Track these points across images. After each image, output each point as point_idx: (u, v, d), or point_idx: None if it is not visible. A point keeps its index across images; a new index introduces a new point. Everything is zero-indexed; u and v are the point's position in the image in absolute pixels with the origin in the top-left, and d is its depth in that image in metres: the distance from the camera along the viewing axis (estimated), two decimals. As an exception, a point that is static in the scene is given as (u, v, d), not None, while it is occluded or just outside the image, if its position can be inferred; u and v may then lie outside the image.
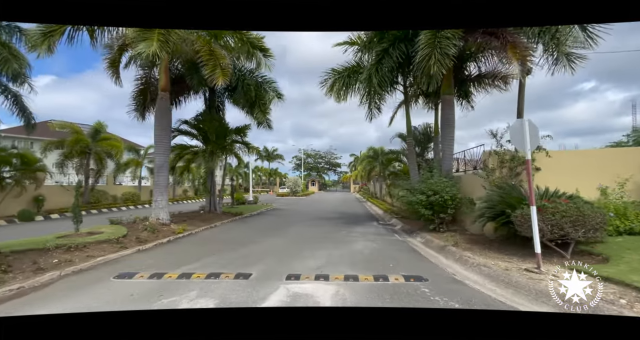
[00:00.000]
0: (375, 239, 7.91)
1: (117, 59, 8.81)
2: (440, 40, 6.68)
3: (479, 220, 6.05)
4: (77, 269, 4.85)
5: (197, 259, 5.57)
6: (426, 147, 13.61)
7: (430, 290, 3.80)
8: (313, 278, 4.34)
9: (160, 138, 9.14)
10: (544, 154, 5.95)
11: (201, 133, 11.92)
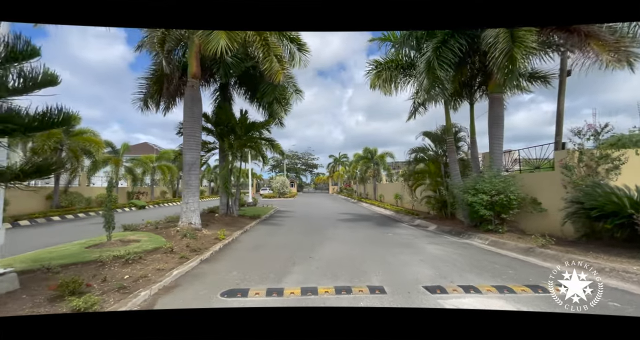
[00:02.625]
0: (435, 242, 7.51)
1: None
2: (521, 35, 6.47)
3: (574, 220, 5.87)
4: (162, 285, 3.90)
5: (283, 268, 4.85)
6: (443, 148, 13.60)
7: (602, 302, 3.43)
8: (460, 290, 3.78)
9: (191, 131, 7.97)
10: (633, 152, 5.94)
11: (223, 128, 10.73)
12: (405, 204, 17.24)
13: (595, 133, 6.77)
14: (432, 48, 8.40)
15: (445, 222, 10.80)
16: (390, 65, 9.92)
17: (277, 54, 7.82)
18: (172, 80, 9.71)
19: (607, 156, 5.96)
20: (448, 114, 10.37)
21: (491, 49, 7.05)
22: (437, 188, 12.36)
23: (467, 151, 11.88)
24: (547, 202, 7.10)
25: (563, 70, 10.47)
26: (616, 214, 5.01)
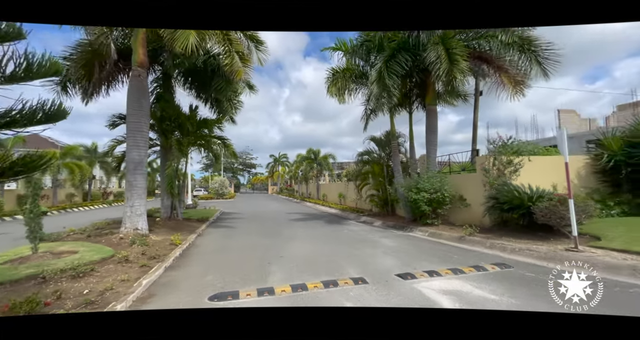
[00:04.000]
0: (386, 236, 8.43)
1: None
2: (456, 59, 7.83)
3: (491, 213, 7.38)
4: (136, 297, 3.54)
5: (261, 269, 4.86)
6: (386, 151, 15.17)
7: (534, 276, 4.56)
8: (426, 275, 4.47)
9: (137, 126, 7.08)
10: (527, 158, 7.79)
11: (169, 124, 9.73)
12: (349, 203, 18.42)
13: (503, 143, 8.65)
14: (383, 60, 9.34)
15: (388, 218, 12.05)
16: (344, 74, 10.59)
17: (238, 51, 7.59)
18: (105, 65, 8.38)
19: (510, 162, 7.69)
20: (392, 121, 11.62)
21: (432, 67, 8.31)
22: (380, 187, 13.65)
23: (405, 154, 13.52)
24: (471, 198, 8.70)
25: (477, 90, 12.91)
26: (520, 206, 6.56)
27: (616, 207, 6.95)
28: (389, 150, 13.28)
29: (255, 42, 9.73)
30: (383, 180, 13.21)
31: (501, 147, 8.34)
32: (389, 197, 12.75)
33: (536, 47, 8.11)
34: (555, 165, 7.11)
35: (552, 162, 7.91)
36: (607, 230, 5.76)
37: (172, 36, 6.19)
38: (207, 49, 8.57)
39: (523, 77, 8.25)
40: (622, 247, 4.87)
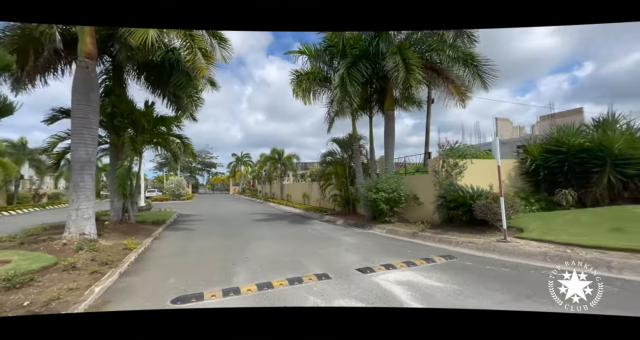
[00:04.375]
0: (348, 234, 8.86)
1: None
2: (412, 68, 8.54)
3: (440, 210, 8.19)
4: (88, 304, 3.37)
5: (224, 270, 4.86)
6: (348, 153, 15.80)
7: (473, 264, 5.24)
8: (383, 268, 4.89)
9: (85, 122, 6.50)
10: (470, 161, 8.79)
11: (121, 120, 9.02)
12: (313, 203, 18.75)
13: (450, 147, 9.63)
14: (345, 67, 9.78)
15: (350, 217, 12.59)
16: (309, 76, 10.84)
17: (201, 47, 7.37)
18: (42, 52, 7.52)
19: (456, 164, 8.62)
20: (354, 124, 12.15)
21: (390, 74, 8.95)
22: (342, 187, 14.16)
23: (366, 156, 14.22)
24: (423, 197, 9.52)
25: (429, 98, 14.09)
26: (463, 204, 7.41)
27: (536, 203, 8.21)
28: (351, 152, 13.85)
29: (219, 40, 9.50)
30: (345, 180, 13.74)
31: (449, 150, 9.28)
32: (351, 196, 13.31)
33: (477, 62, 9.19)
34: (492, 168, 8.13)
35: (489, 164, 9.01)
36: (528, 223, 6.79)
37: (129, 28, 5.83)
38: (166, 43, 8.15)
39: (467, 88, 9.29)
40: (538, 237, 5.83)
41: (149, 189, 42.66)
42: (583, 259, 4.65)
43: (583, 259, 4.67)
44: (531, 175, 8.97)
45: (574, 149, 7.94)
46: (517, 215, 7.07)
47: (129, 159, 9.24)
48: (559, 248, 5.21)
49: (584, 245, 5.05)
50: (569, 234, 5.66)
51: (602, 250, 4.78)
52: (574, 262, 4.68)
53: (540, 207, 8.12)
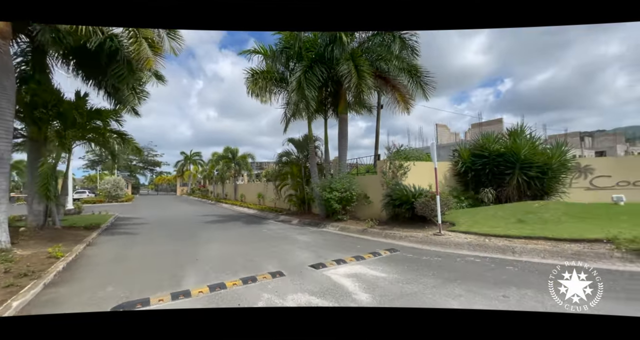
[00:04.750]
0: (302, 233, 9.11)
1: None
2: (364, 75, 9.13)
3: (386, 208, 8.89)
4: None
5: (173, 274, 4.68)
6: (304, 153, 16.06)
7: (412, 256, 5.85)
8: (335, 263, 5.21)
9: (-3, 112, 5.54)
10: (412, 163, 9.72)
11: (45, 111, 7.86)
12: (268, 203, 18.58)
13: (397, 150, 10.51)
14: (302, 71, 10.01)
15: (305, 216, 12.85)
16: (265, 76, 10.80)
17: (147, 37, 6.89)
18: None
19: (401, 165, 9.47)
20: (310, 126, 12.45)
21: (344, 79, 9.43)
22: (298, 187, 14.36)
23: (321, 157, 14.64)
24: (373, 196, 10.22)
25: (379, 103, 15.10)
26: (407, 202, 8.19)
27: (465, 200, 9.47)
28: (306, 153, 14.11)
29: (168, 29, 8.91)
30: (301, 180, 13.96)
31: (395, 153, 10.12)
32: (306, 196, 13.58)
33: (420, 73, 10.20)
34: (431, 169, 9.11)
35: (429, 166, 10.06)
36: (459, 218, 7.82)
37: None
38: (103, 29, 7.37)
39: (411, 96, 10.24)
40: (465, 229, 6.77)
41: (77, 190, 37.43)
42: (496, 246, 5.58)
43: (496, 246, 5.60)
44: (462, 176, 10.27)
45: (493, 154, 9.36)
46: (450, 211, 8.07)
47: (54, 155, 8.11)
48: (480, 238, 6.14)
49: (497, 235, 6.03)
50: (488, 226, 6.69)
51: (510, 239, 5.79)
52: (490, 250, 5.60)
53: (468, 203, 9.37)
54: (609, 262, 4.48)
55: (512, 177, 8.87)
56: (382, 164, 9.95)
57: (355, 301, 3.53)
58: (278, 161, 14.59)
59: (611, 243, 4.76)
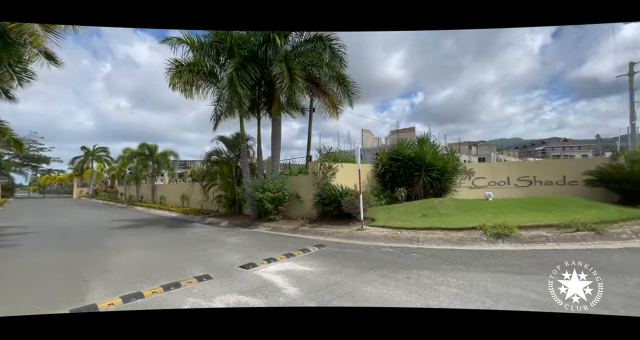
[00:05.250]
0: (233, 234, 8.89)
1: None
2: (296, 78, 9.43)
3: (317, 207, 9.39)
4: None
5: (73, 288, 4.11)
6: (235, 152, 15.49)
7: (338, 250, 6.38)
8: (265, 262, 5.33)
9: None
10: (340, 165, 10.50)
11: None
12: (194, 205, 17.22)
13: (327, 152, 11.20)
14: (234, 68, 9.74)
15: (236, 218, 12.47)
16: (192, 69, 10.07)
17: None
18: None
19: (331, 167, 10.15)
20: (242, 124, 12.12)
21: (277, 80, 9.57)
22: (228, 188, 13.79)
23: (253, 156, 14.40)
24: (305, 196, 10.62)
25: (311, 107, 15.72)
26: (335, 201, 8.84)
27: (384, 198, 10.75)
28: (238, 152, 13.68)
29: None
30: (232, 180, 13.46)
31: (325, 155, 10.78)
32: (237, 197, 13.16)
33: (348, 83, 11.09)
34: (356, 170, 10.10)
35: (355, 168, 11.08)
36: (378, 214, 8.86)
37: None
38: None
39: (340, 103, 11.06)
40: (383, 224, 7.74)
41: None
42: (405, 237, 6.59)
43: (405, 237, 6.60)
44: (381, 177, 11.59)
45: (406, 158, 10.88)
46: (371, 209, 9.06)
47: None
48: (394, 231, 7.12)
49: (407, 228, 7.11)
50: (400, 220, 7.79)
51: (416, 230, 6.89)
52: (401, 240, 6.56)
53: (386, 201, 10.65)
54: (479, 244, 5.83)
55: (419, 178, 10.48)
56: (314, 165, 10.45)
57: (284, 295, 3.74)
58: (206, 160, 13.75)
59: (482, 230, 6.19)
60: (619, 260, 4.48)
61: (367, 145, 26.32)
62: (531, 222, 6.28)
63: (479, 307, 3.12)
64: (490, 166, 12.50)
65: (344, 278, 4.33)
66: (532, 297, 3.31)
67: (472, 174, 11.50)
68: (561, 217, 6.29)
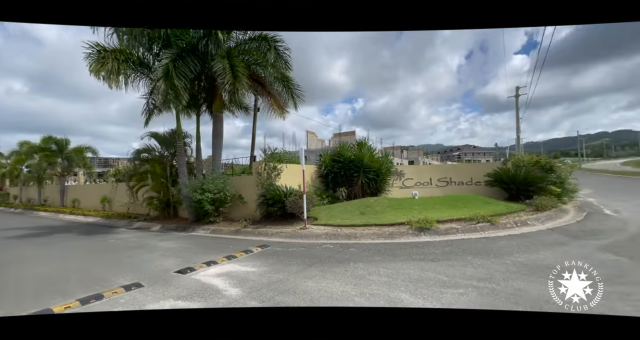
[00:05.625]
0: (167, 239, 8.26)
1: None
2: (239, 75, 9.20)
3: (261, 207, 9.31)
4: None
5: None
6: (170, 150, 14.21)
7: (281, 249, 6.48)
8: (205, 266, 5.14)
9: None
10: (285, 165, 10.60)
11: None
12: (118, 208, 15.22)
13: (272, 153, 11.18)
14: (171, 58, 9.03)
15: (170, 221, 11.52)
16: (118, 56, 8.97)
17: None
18: None
19: (275, 167, 10.19)
20: (179, 121, 11.22)
21: (219, 77, 9.20)
22: (161, 189, 12.62)
23: (191, 155, 13.46)
24: (248, 197, 10.42)
25: (255, 106, 15.45)
26: (279, 201, 8.93)
27: (326, 198, 11.25)
28: (174, 150, 12.64)
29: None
30: (166, 181, 12.36)
31: (270, 156, 10.76)
32: (172, 199, 12.15)
33: (293, 85, 11.27)
34: (301, 171, 10.35)
35: (299, 169, 11.33)
36: (320, 213, 9.26)
37: None
38: None
39: (285, 104, 11.17)
40: (324, 222, 8.14)
41: None
42: (345, 234, 7.07)
43: (345, 234, 7.09)
44: (324, 178, 12.09)
45: (347, 160, 11.59)
46: (314, 208, 9.40)
47: None
48: (334, 229, 7.57)
49: (346, 225, 7.63)
50: (340, 218, 8.30)
51: (354, 227, 7.45)
52: (341, 237, 7.01)
53: (328, 200, 11.16)
54: (406, 237, 6.64)
55: (358, 179, 11.28)
56: (258, 165, 10.34)
57: (225, 297, 3.72)
58: (135, 158, 12.34)
59: (408, 225, 7.05)
60: (503, 245, 5.65)
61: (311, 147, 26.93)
62: (446, 217, 7.41)
63: (479, 307, 3.09)
64: (417, 168, 14.14)
65: (287, 275, 4.49)
66: (443, 279, 3.98)
67: (402, 175, 12.83)
68: (468, 212, 7.57)
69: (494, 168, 11.40)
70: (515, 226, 6.99)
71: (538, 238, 6.05)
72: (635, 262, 4.38)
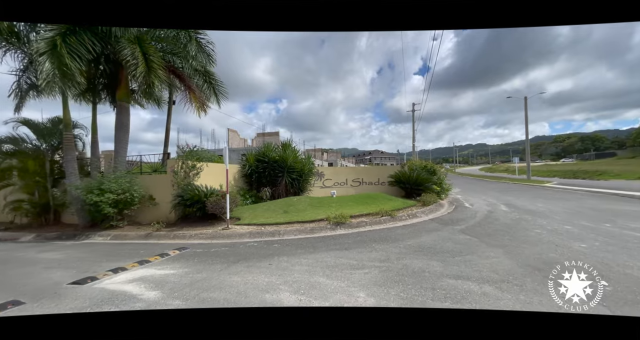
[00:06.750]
0: (48, 250, 6.86)
1: None
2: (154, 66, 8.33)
3: (177, 208, 8.61)
4: None
5: None
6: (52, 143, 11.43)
7: (202, 250, 6.23)
8: (111, 273, 4.59)
9: None
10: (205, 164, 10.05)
11: None
12: None
13: (190, 150, 10.42)
14: (60, 32, 7.51)
15: (49, 229, 9.48)
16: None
17: None
18: None
19: (194, 166, 9.59)
20: (67, 107, 9.27)
21: (127, 64, 8.13)
22: (36, 189, 10.15)
23: (82, 150, 11.27)
24: (160, 197, 9.46)
25: (170, 99, 14.04)
26: (198, 201, 8.47)
27: (250, 198, 11.21)
28: (57, 142, 10.39)
29: None
30: (43, 180, 10.02)
31: (188, 153, 10.04)
32: (54, 201, 9.93)
33: (215, 81, 10.83)
34: (223, 171, 10.01)
35: (221, 168, 10.92)
36: (243, 213, 9.22)
37: None
38: None
39: (205, 100, 10.63)
40: (248, 222, 8.19)
41: None
42: (269, 232, 7.32)
43: (269, 231, 7.34)
44: (248, 177, 12.00)
45: (271, 160, 11.83)
46: (237, 208, 9.28)
47: None
48: (258, 228, 7.72)
49: (270, 224, 7.88)
50: (264, 217, 8.48)
51: (278, 225, 7.78)
52: (265, 235, 7.22)
53: (252, 200, 11.14)
54: (325, 231, 7.37)
55: (282, 179, 11.66)
56: (174, 163, 9.52)
57: (141, 300, 3.52)
58: (-6, 150, 9.53)
59: (327, 220, 7.82)
60: (399, 233, 6.97)
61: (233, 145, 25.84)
62: (358, 212, 8.52)
63: (477, 307, 3.12)
64: (335, 170, 15.46)
65: (210, 274, 4.48)
66: (352, 263, 4.72)
67: (322, 176, 13.85)
68: (375, 208, 8.88)
69: (395, 171, 13.51)
70: (409, 218, 8.62)
71: (422, 226, 7.65)
72: (478, 239, 6.13)
